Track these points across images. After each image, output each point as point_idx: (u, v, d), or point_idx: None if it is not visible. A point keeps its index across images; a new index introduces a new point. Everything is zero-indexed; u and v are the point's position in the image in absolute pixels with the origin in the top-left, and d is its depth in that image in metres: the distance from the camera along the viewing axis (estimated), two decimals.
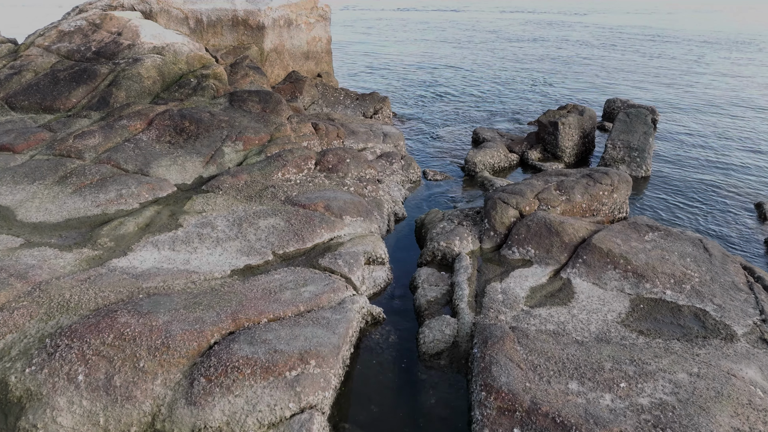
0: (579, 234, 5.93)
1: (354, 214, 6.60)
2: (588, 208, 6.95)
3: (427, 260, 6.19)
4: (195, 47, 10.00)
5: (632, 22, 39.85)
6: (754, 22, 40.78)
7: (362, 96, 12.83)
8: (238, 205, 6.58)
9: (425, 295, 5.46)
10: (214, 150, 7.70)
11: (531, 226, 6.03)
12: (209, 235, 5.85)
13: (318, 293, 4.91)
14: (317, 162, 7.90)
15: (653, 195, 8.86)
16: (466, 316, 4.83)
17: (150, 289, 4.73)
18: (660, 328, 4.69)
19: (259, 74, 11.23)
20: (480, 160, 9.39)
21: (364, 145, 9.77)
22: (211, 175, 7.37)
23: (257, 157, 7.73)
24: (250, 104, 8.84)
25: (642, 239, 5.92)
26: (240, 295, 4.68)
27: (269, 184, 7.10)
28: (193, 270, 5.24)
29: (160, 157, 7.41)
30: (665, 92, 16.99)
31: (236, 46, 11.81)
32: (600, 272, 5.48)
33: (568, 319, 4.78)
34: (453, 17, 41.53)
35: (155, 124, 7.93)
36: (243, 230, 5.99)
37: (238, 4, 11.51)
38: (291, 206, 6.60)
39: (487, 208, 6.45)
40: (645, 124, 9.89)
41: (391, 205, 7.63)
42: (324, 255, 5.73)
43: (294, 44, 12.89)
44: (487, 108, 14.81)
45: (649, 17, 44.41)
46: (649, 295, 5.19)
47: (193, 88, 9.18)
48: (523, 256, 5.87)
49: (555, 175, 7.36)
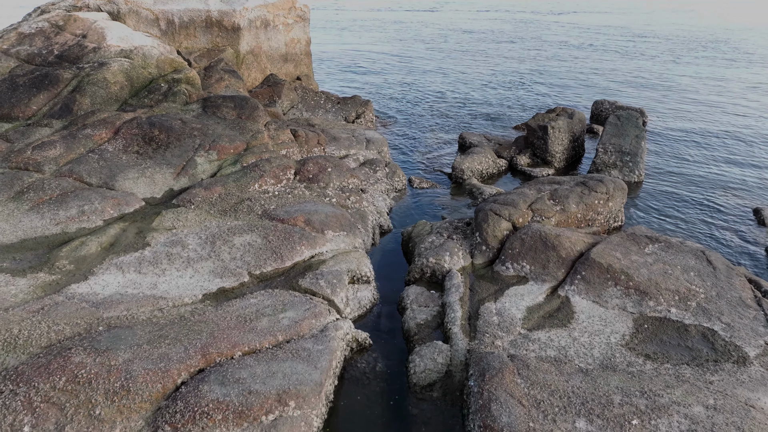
0: (576, 247, 5.65)
1: (336, 229, 6.25)
2: (583, 218, 6.69)
3: (415, 277, 5.86)
4: (166, 50, 9.56)
5: (610, 21, 40.08)
6: (731, 21, 41.37)
7: (344, 99, 12.48)
8: (211, 220, 6.19)
9: (414, 317, 5.13)
10: (186, 160, 7.29)
11: (525, 240, 5.74)
12: (179, 255, 5.45)
13: (298, 319, 4.55)
14: (297, 171, 7.54)
15: (647, 201, 8.65)
16: (459, 342, 4.51)
17: (111, 320, 4.33)
18: (667, 351, 4.42)
19: (235, 78, 10.81)
20: (468, 166, 9.10)
21: (346, 152, 9.42)
22: (182, 188, 6.96)
23: (232, 167, 7.34)
24: (225, 110, 8.43)
25: (642, 252, 5.66)
26: (212, 324, 4.30)
27: (245, 197, 6.71)
28: (161, 295, 4.84)
29: (127, 169, 6.98)
30: (650, 93, 16.92)
31: (210, 48, 11.38)
32: (600, 289, 5.20)
33: (569, 343, 4.48)
34: (428, 17, 41.34)
35: (122, 133, 7.49)
36: (216, 249, 5.60)
37: (212, 5, 11.09)
38: (269, 221, 6.23)
39: (479, 220, 6.15)
40: (636, 127, 9.70)
41: (375, 217, 7.29)
42: (304, 275, 5.37)
43: (272, 46, 12.49)
44: (472, 110, 14.57)
45: (627, 17, 44.77)
46: (653, 313, 4.92)
47: (164, 94, 8.74)
48: (518, 273, 5.57)
49: (548, 183, 7.09)
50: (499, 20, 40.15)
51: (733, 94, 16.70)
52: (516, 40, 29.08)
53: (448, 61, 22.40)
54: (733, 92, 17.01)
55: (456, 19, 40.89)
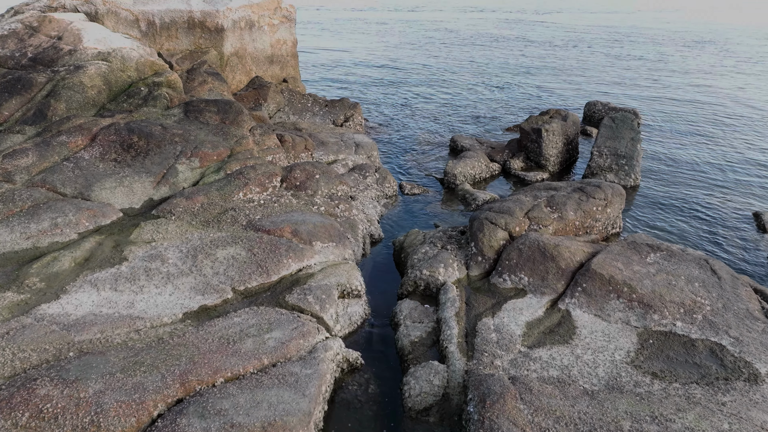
0: (576, 258, 5.46)
1: (325, 239, 6.01)
2: (581, 225, 6.51)
3: (408, 291, 5.63)
4: (146, 52, 9.27)
5: (595, 21, 40.21)
6: (716, 21, 41.73)
7: (332, 102, 12.24)
8: (193, 232, 5.92)
9: (408, 334, 4.90)
10: (167, 168, 7.01)
11: (523, 251, 5.53)
12: (158, 271, 5.18)
13: (285, 340, 4.30)
14: (283, 179, 7.29)
15: (645, 206, 8.50)
16: (456, 362, 4.29)
17: (83, 344, 4.05)
18: (675, 369, 4.23)
19: (218, 81, 10.54)
20: (460, 171, 8.90)
21: (335, 157, 9.19)
22: (162, 197, 6.68)
23: (215, 175, 7.07)
24: (208, 115, 8.16)
25: (644, 262, 5.48)
26: (192, 348, 4.04)
27: (229, 207, 6.45)
28: (138, 315, 4.58)
29: (104, 178, 6.68)
30: (641, 93, 16.86)
31: (193, 50, 11.09)
32: (602, 302, 5.01)
33: (572, 361, 4.28)
34: (411, 17, 41.20)
35: (99, 140, 7.19)
36: (198, 263, 5.34)
37: (194, 5, 10.80)
38: (254, 232, 5.97)
39: (474, 229, 5.94)
40: (632, 130, 9.55)
41: (366, 226, 7.06)
42: (292, 290, 5.12)
43: (257, 47, 12.22)
44: (461, 112, 14.40)
45: (612, 16, 44.98)
46: (657, 327, 4.74)
47: (144, 98, 8.44)
48: (516, 285, 5.37)
49: (544, 189, 6.91)
50: (483, 20, 40.15)
51: (724, 95, 16.69)
52: (501, 40, 29.01)
53: (434, 61, 22.24)
54: (723, 92, 17.01)
55: (439, 19, 40.81)
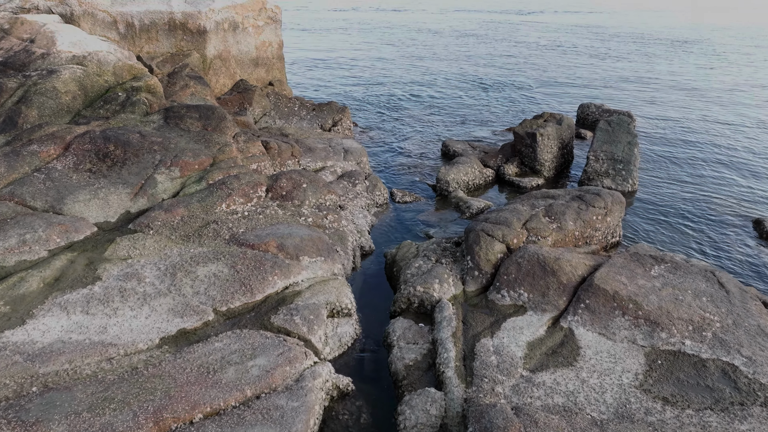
0: (578, 272, 5.23)
1: (313, 254, 5.74)
2: (581, 235, 6.29)
3: (401, 308, 5.38)
4: (124, 55, 8.93)
5: (579, 21, 40.31)
6: (700, 21, 42.08)
7: (319, 106, 11.96)
8: (172, 247, 5.62)
9: (402, 357, 4.64)
10: (145, 179, 6.69)
11: (522, 264, 5.30)
12: (134, 291, 4.88)
13: (270, 368, 4.03)
14: (269, 188, 7.00)
15: (643, 213, 8.32)
16: (455, 390, 4.03)
17: (48, 377, 3.75)
18: (687, 393, 4.01)
19: (201, 84, 10.22)
20: (453, 178, 8.67)
21: (323, 164, 8.91)
22: (140, 210, 6.37)
23: (197, 185, 6.77)
24: (189, 121, 7.85)
25: (648, 275, 5.27)
26: (168, 379, 3.76)
27: (211, 219, 6.16)
28: (111, 341, 4.28)
29: (77, 190, 6.36)
30: (633, 94, 16.77)
31: (174, 53, 10.76)
32: (606, 320, 4.79)
33: (578, 386, 4.04)
34: (395, 18, 41.03)
35: (73, 149, 6.87)
36: (177, 282, 5.04)
37: (175, 6, 10.48)
38: (237, 247, 5.68)
39: (470, 242, 5.69)
40: (628, 133, 9.38)
41: (355, 237, 6.80)
42: (277, 310, 4.85)
43: (241, 50, 11.92)
44: (452, 114, 14.18)
45: (596, 16, 45.17)
46: (666, 346, 4.52)
47: (122, 104, 8.12)
48: (515, 301, 5.13)
49: (542, 198, 6.69)
50: (467, 21, 40.09)
51: (714, 96, 16.63)
52: (488, 41, 28.89)
53: (422, 63, 22.03)
54: (715, 92, 16.96)
55: (423, 19, 40.70)
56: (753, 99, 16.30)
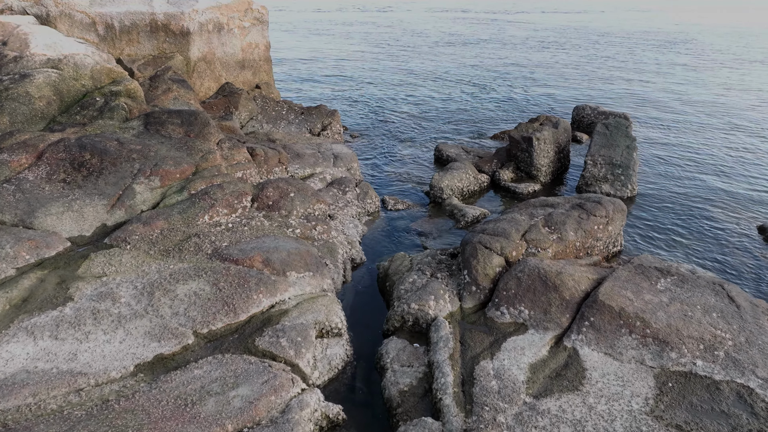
0: (581, 287, 5.00)
1: (301, 269, 5.47)
2: (582, 246, 6.06)
3: (395, 326, 5.11)
4: (102, 58, 8.62)
5: (565, 22, 40.33)
6: (684, 21, 42.25)
7: (308, 110, 11.68)
8: (150, 263, 5.32)
9: (396, 382, 4.38)
10: (123, 189, 6.39)
11: (522, 279, 5.06)
12: (109, 313, 4.58)
13: (254, 398, 3.75)
14: (254, 198, 6.72)
15: (643, 219, 8.12)
16: (453, 419, 3.77)
17: (9, 414, 3.45)
18: (701, 420, 3.78)
19: (184, 88, 9.92)
20: (447, 184, 8.42)
21: (311, 171, 8.64)
22: (117, 223, 6.07)
23: (178, 195, 6.47)
24: (171, 127, 7.55)
25: (655, 289, 5.04)
26: (141, 414, 3.47)
27: (193, 232, 5.87)
28: (81, 370, 3.98)
29: (50, 202, 6.04)
30: (627, 96, 16.63)
31: (157, 55, 10.45)
32: (613, 338, 4.55)
33: (585, 414, 3.80)
34: (381, 19, 40.83)
35: (46, 158, 6.55)
36: (155, 302, 4.75)
37: (157, 7, 10.17)
38: (220, 262, 5.40)
39: (466, 255, 5.44)
40: (627, 137, 9.19)
41: (346, 249, 6.53)
42: (262, 331, 4.57)
43: (226, 52, 11.62)
44: (444, 117, 13.96)
45: (583, 16, 45.24)
46: (676, 367, 4.29)
47: (99, 110, 7.80)
48: (515, 319, 4.88)
49: (540, 207, 6.45)
50: (453, 21, 40.01)
51: (708, 97, 16.54)
52: (476, 42, 28.76)
53: (411, 64, 21.82)
54: (706, 94, 16.86)
55: (410, 19, 40.53)
56: (745, 101, 16.21)
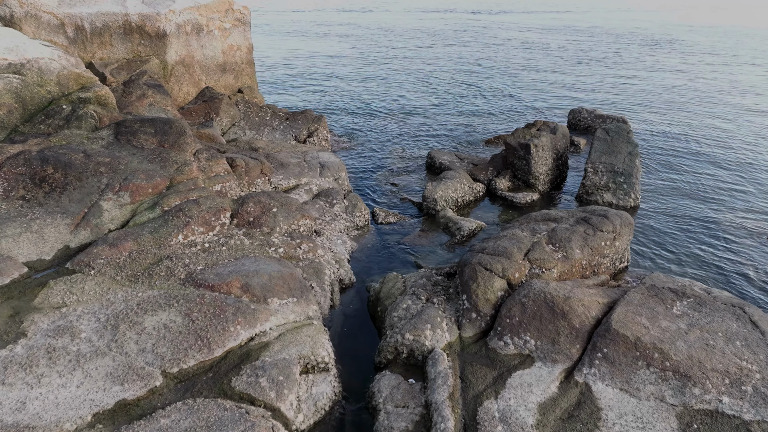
0: (591, 313, 4.62)
1: (284, 294, 5.04)
2: (588, 264, 5.69)
3: (388, 359, 4.70)
4: (70, 63, 8.14)
5: (549, 22, 40.26)
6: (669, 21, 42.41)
7: (293, 115, 11.25)
8: (117, 290, 4.87)
9: (390, 426, 3.97)
10: (88, 206, 5.93)
11: (527, 305, 4.67)
12: (66, 351, 4.13)
13: None
14: (234, 214, 6.29)
15: (648, 230, 7.78)
16: None
17: None
18: None
19: (160, 94, 9.45)
20: (441, 195, 8.03)
21: (296, 181, 8.21)
22: (82, 244, 5.61)
23: (150, 212, 6.02)
24: (143, 137, 7.09)
25: (671, 313, 4.68)
26: None
27: (164, 254, 5.42)
28: (29, 423, 3.53)
29: (6, 222, 5.57)
30: (621, 97, 16.38)
31: (131, 59, 9.97)
32: (629, 372, 4.17)
33: None
34: (361, 19, 40.44)
35: (4, 173, 6.07)
36: (119, 337, 4.30)
37: (131, 7, 9.70)
38: (194, 288, 4.96)
39: (465, 278, 5.05)
40: (629, 143, 8.85)
41: (333, 269, 6.11)
42: (240, 369, 4.15)
43: (206, 54, 11.16)
44: (434, 122, 13.58)
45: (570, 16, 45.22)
46: (700, 405, 3.92)
47: (66, 118, 7.32)
48: (520, 350, 4.49)
49: (542, 221, 6.08)
50: (432, 21, 39.75)
51: (704, 99, 16.33)
52: (461, 43, 28.48)
53: (398, 66, 21.46)
54: (701, 97, 16.65)
55: (392, 20, 40.24)
56: (738, 99, 16.01)
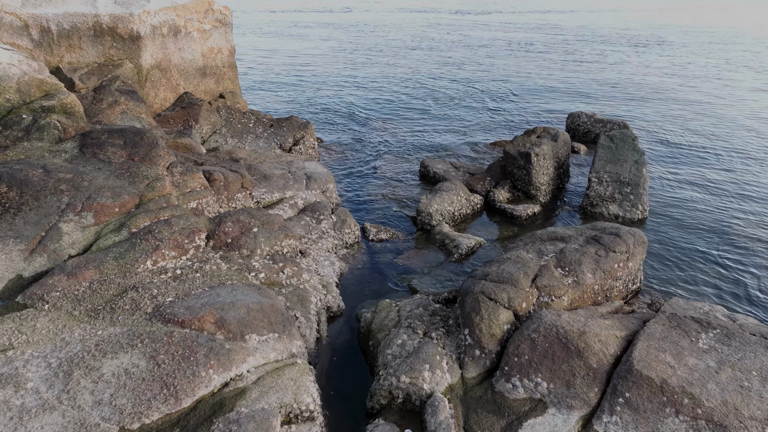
0: (609, 349, 4.17)
1: (264, 329, 4.55)
2: (601, 289, 5.25)
3: (381, 404, 4.22)
4: (32, 68, 7.59)
5: (535, 22, 40.08)
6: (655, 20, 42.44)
7: (278, 121, 10.76)
8: (73, 328, 4.36)
9: None
10: (46, 229, 5.40)
11: (537, 342, 4.21)
12: (8, 406, 3.62)
13: None
14: (210, 235, 5.79)
15: (658, 246, 7.37)
16: None
17: None
18: None
19: (134, 100, 8.93)
20: (436, 209, 7.57)
21: (281, 195, 7.72)
22: (37, 273, 5.08)
23: (115, 235, 5.50)
24: (111, 150, 6.57)
25: (697, 348, 4.24)
26: None
27: (130, 284, 4.91)
28: None
29: None
30: (619, 99, 16.04)
31: (103, 63, 9.44)
32: (655, 421, 3.72)
33: None
34: (343, 19, 40.04)
35: None
36: (73, 386, 3.79)
37: (102, 8, 9.16)
38: (162, 324, 4.45)
39: (467, 309, 4.58)
40: (634, 151, 8.45)
41: (320, 296, 5.62)
42: (211, 424, 3.66)
43: (185, 58, 10.64)
44: (427, 127, 13.14)
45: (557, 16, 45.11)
46: None
47: (26, 129, 6.79)
48: (531, 394, 4.03)
49: (549, 241, 5.63)
50: (416, 22, 39.39)
51: (702, 98, 16.02)
52: (447, 45, 28.07)
53: (387, 70, 20.98)
54: (702, 93, 16.36)
55: (375, 21, 39.85)
56: (738, 101, 15.72)
